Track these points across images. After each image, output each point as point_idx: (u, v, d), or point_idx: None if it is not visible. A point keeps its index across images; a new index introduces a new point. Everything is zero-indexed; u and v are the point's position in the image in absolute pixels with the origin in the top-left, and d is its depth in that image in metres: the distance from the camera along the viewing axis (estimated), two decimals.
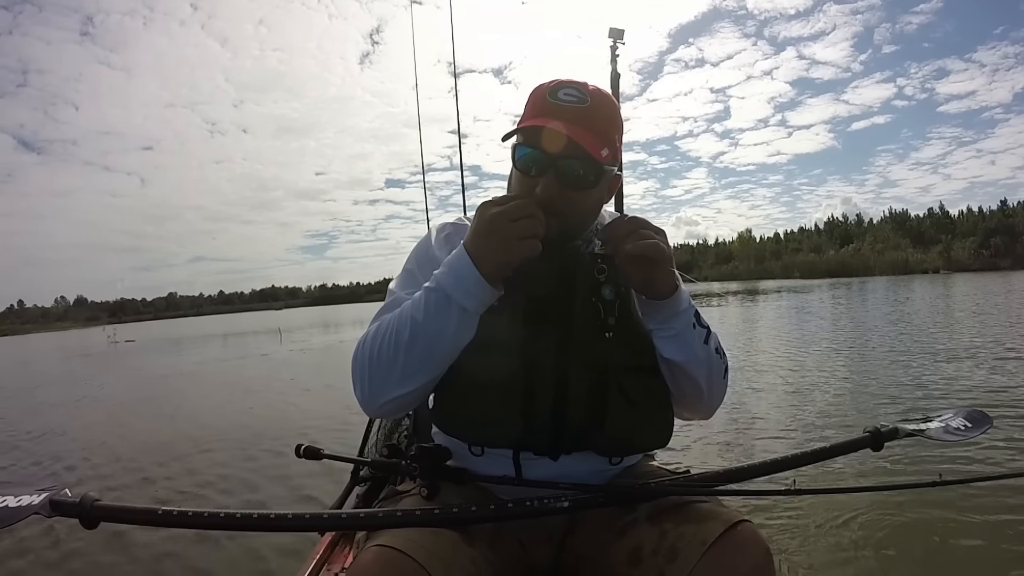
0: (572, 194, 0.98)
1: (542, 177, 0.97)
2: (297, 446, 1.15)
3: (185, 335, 35.01)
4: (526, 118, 1.01)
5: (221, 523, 0.88)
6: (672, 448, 3.95)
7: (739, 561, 0.82)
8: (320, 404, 6.90)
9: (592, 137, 0.96)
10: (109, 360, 19.89)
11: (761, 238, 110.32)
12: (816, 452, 1.09)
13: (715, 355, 1.04)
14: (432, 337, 0.92)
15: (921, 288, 23.72)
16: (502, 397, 0.98)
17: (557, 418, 0.99)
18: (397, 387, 0.96)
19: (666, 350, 1.01)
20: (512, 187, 1.05)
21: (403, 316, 0.95)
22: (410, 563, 0.79)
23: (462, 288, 0.90)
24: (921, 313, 13.94)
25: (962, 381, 5.78)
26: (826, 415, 4.95)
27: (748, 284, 53.41)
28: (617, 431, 1.01)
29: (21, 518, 0.85)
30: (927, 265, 61.88)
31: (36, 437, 6.30)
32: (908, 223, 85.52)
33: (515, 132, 1.02)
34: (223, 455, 4.84)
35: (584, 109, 0.97)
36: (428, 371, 0.96)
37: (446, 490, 1.00)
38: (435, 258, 1.06)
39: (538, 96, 1.01)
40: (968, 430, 1.20)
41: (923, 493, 2.81)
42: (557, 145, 0.95)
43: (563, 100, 0.98)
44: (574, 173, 0.97)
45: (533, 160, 0.98)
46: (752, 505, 2.82)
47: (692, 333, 1.00)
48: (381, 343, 0.95)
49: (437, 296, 0.92)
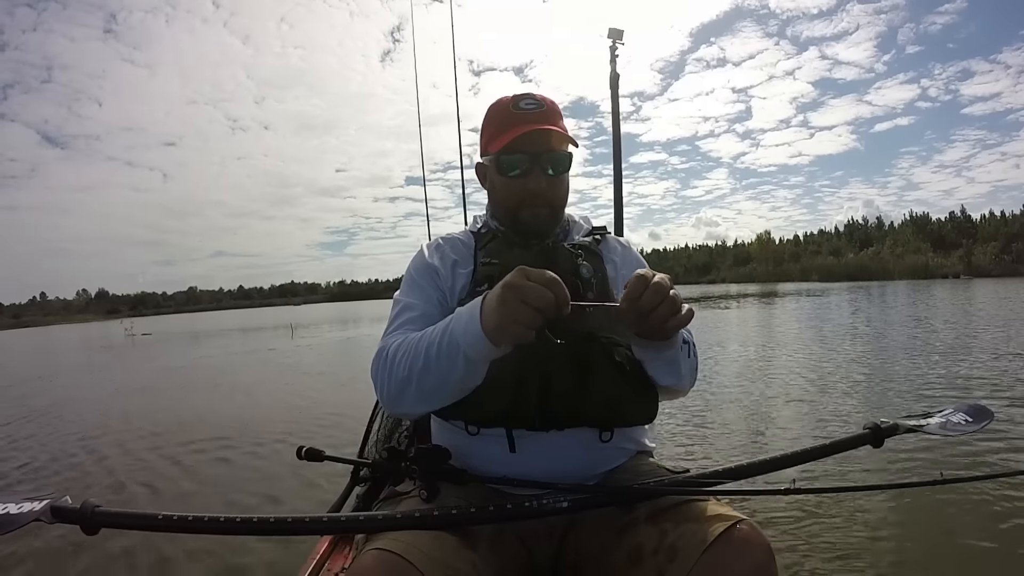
0: (555, 181, 1.14)
1: (528, 176, 1.12)
2: (299, 448, 1.15)
3: (202, 329, 35.62)
4: (496, 131, 1.15)
5: (221, 527, 0.88)
6: (672, 448, 4.00)
7: (740, 561, 0.82)
8: (306, 401, 6.94)
9: (557, 126, 1.13)
10: (123, 352, 20.42)
11: (780, 240, 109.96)
12: (816, 449, 1.08)
13: (692, 354, 1.09)
14: (443, 375, 0.94)
15: (942, 293, 23.35)
16: (498, 379, 0.99)
17: (544, 386, 1.02)
18: (412, 406, 1.01)
19: (661, 378, 1.06)
20: (500, 193, 1.17)
21: (420, 346, 0.96)
22: (409, 567, 0.78)
23: (468, 339, 0.89)
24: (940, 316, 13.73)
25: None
26: (830, 415, 4.93)
27: (766, 287, 53.16)
28: (604, 402, 1.04)
29: (22, 524, 0.85)
30: (947, 270, 61.04)
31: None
32: (929, 227, 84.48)
33: (496, 150, 1.14)
34: (197, 448, 4.95)
35: (544, 112, 1.14)
36: (439, 400, 0.99)
37: (446, 491, 1.00)
38: (432, 265, 1.17)
39: (502, 111, 1.16)
40: (968, 424, 1.18)
41: (925, 491, 2.85)
42: (545, 142, 1.11)
43: (526, 108, 1.14)
44: (555, 159, 1.13)
45: (517, 162, 1.13)
46: (753, 504, 2.84)
47: (680, 356, 1.04)
48: (398, 366, 0.98)
49: (450, 340, 0.92)
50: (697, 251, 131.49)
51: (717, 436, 4.40)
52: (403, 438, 1.71)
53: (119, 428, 6.12)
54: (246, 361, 13.53)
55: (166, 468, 4.47)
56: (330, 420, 5.80)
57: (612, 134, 6.52)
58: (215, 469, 4.38)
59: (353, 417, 5.28)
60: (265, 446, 4.89)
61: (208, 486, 4.00)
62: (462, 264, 1.18)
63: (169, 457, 4.78)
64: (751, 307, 23.19)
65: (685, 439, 4.32)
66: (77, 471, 4.63)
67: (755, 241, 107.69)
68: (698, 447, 4.15)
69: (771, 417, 5.00)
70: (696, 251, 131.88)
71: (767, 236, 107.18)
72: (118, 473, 4.44)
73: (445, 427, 1.13)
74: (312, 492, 3.52)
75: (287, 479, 3.87)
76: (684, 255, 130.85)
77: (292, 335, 21.31)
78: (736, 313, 19.90)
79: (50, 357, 21.19)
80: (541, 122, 1.12)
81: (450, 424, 1.10)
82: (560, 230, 1.21)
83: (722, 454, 4.01)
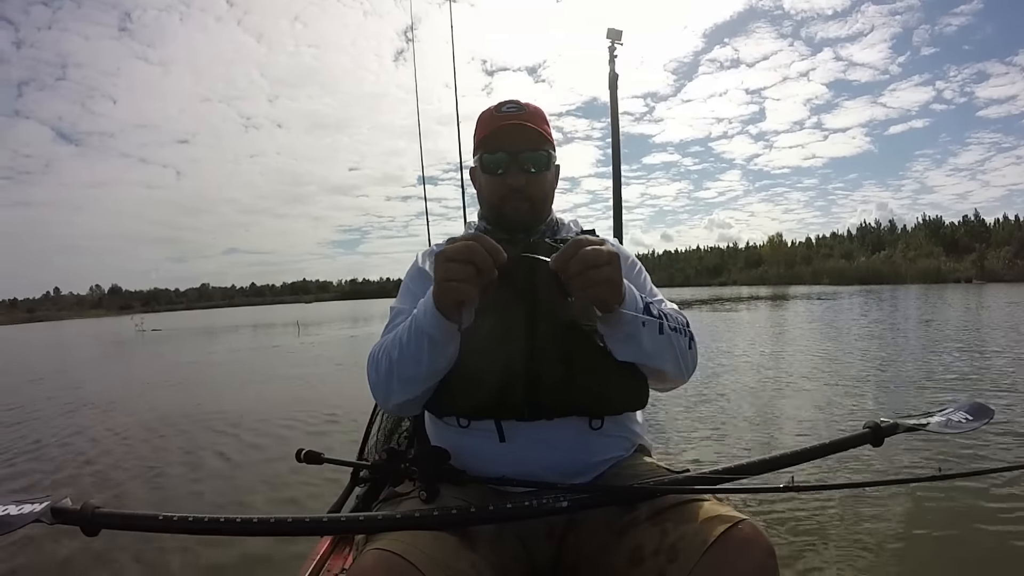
0: (534, 178, 1.18)
1: (508, 173, 1.17)
2: (298, 451, 1.14)
3: (212, 325, 35.94)
4: (479, 133, 1.22)
5: (221, 528, 0.88)
6: (672, 448, 3.99)
7: (741, 561, 0.81)
8: (289, 399, 6.98)
9: (537, 127, 1.17)
10: (131, 347, 20.70)
11: (792, 243, 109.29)
12: (816, 448, 1.07)
13: (673, 335, 1.06)
14: (414, 358, 1.02)
15: (954, 298, 23.07)
16: (480, 369, 1.03)
17: (531, 375, 1.04)
18: (398, 394, 1.07)
19: (619, 353, 1.04)
20: (485, 192, 1.23)
21: (396, 338, 1.06)
22: (409, 567, 0.79)
23: (426, 319, 0.98)
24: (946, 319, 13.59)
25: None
26: (835, 414, 4.91)
27: (776, 289, 52.82)
28: (590, 388, 1.05)
29: (22, 525, 0.85)
30: (959, 274, 60.50)
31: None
32: (942, 230, 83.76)
33: (480, 144, 1.20)
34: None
35: (524, 114, 1.18)
36: (420, 383, 1.05)
37: (445, 492, 1.01)
38: (424, 271, 1.22)
39: (486, 117, 1.22)
40: (969, 422, 1.18)
41: (923, 487, 2.86)
42: (524, 142, 1.16)
43: (507, 111, 1.19)
44: (534, 158, 1.17)
45: (499, 161, 1.18)
46: (753, 503, 2.85)
47: (641, 332, 1.01)
48: (381, 361, 1.07)
49: (416, 324, 1.01)
50: (708, 253, 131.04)
51: (719, 436, 4.38)
52: (402, 439, 1.71)
53: (110, 427, 6.11)
54: (248, 358, 13.68)
55: (163, 469, 4.46)
56: (326, 422, 5.77)
57: (611, 135, 6.49)
58: (214, 469, 4.38)
59: (352, 417, 5.33)
60: (265, 447, 4.88)
61: (207, 487, 3.99)
62: None
63: (158, 459, 4.76)
64: (761, 310, 23.13)
65: (686, 439, 4.30)
66: (60, 472, 4.57)
67: (767, 243, 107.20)
68: (698, 447, 4.13)
69: (774, 416, 4.98)
70: (708, 253, 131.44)
71: (779, 238, 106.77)
72: (109, 473, 4.43)
73: (439, 425, 1.15)
74: (312, 492, 3.50)
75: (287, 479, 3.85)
76: (695, 257, 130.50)
77: (298, 333, 21.47)
78: (747, 315, 19.86)
79: (53, 352, 21.51)
80: (522, 120, 1.17)
81: (443, 421, 1.14)
82: (547, 228, 1.24)
83: (724, 452, 3.99)
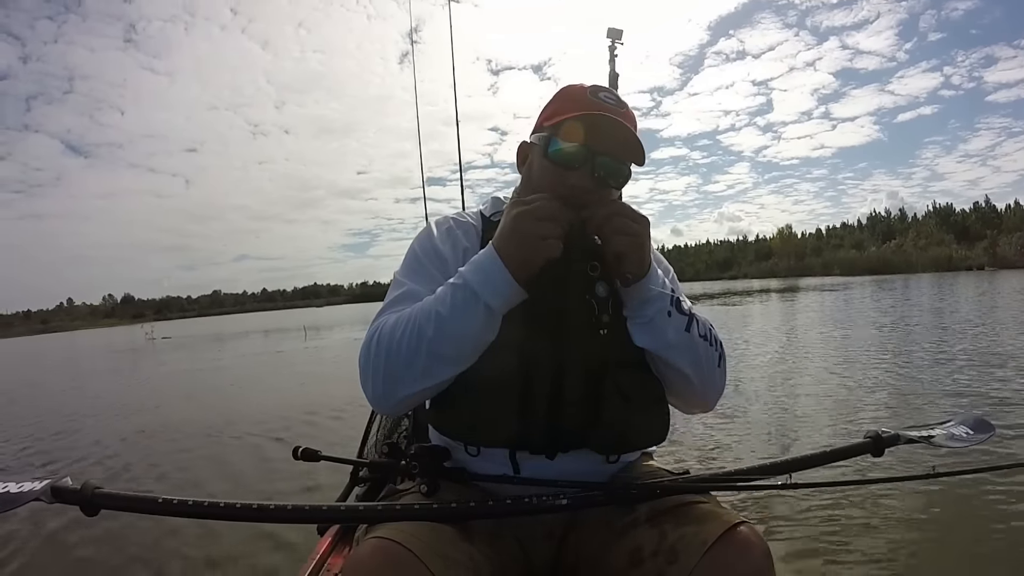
0: (601, 191, 0.99)
1: (576, 171, 0.98)
2: (295, 448, 1.14)
3: (221, 332, 36.21)
4: (559, 108, 1.01)
5: (222, 513, 0.88)
6: (672, 448, 3.94)
7: (739, 563, 0.81)
8: (305, 400, 7.01)
9: (636, 134, 0.98)
10: (140, 355, 21.10)
11: (802, 234, 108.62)
12: (817, 456, 1.07)
13: (701, 342, 1.01)
14: (457, 334, 0.89)
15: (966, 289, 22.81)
16: (498, 397, 0.97)
17: (553, 417, 0.98)
18: (416, 383, 0.92)
19: (638, 338, 0.99)
20: (536, 179, 1.04)
21: (426, 311, 0.91)
22: (408, 556, 0.78)
23: (490, 286, 0.88)
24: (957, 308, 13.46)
25: None
26: (840, 417, 4.84)
27: (787, 282, 52.53)
28: (613, 428, 1.00)
29: (22, 503, 0.86)
30: (971, 262, 59.88)
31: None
32: (952, 218, 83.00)
33: (556, 124, 1.00)
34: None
35: (624, 113, 0.99)
36: (449, 368, 0.92)
37: (445, 489, 0.99)
38: (440, 250, 1.07)
39: (576, 94, 1.01)
40: (970, 437, 1.19)
41: (919, 486, 2.88)
42: (610, 142, 0.97)
43: (604, 99, 0.99)
44: (616, 170, 1.00)
45: (575, 155, 0.98)
46: (752, 506, 2.84)
47: (666, 321, 0.98)
48: (401, 338, 0.90)
49: (465, 293, 0.89)
50: (718, 247, 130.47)
51: (722, 435, 4.34)
52: (402, 438, 1.70)
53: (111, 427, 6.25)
54: (253, 364, 13.86)
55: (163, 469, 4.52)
56: (326, 421, 5.82)
57: None
58: (212, 468, 4.42)
59: (351, 417, 5.36)
60: (264, 448, 4.92)
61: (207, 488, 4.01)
62: (472, 252, 1.04)
63: (156, 459, 4.83)
64: (771, 302, 23.07)
65: (687, 438, 4.27)
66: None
67: (776, 236, 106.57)
68: (698, 447, 4.10)
69: (778, 416, 4.93)
70: (717, 247, 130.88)
71: (788, 230, 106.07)
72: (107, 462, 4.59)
73: (447, 444, 1.07)
74: (313, 493, 3.52)
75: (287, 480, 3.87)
76: (705, 251, 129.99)
77: (305, 337, 21.62)
78: (758, 307, 19.84)
79: (59, 363, 21.80)
80: (619, 120, 0.97)
81: (452, 443, 1.05)
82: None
83: (724, 453, 3.96)
